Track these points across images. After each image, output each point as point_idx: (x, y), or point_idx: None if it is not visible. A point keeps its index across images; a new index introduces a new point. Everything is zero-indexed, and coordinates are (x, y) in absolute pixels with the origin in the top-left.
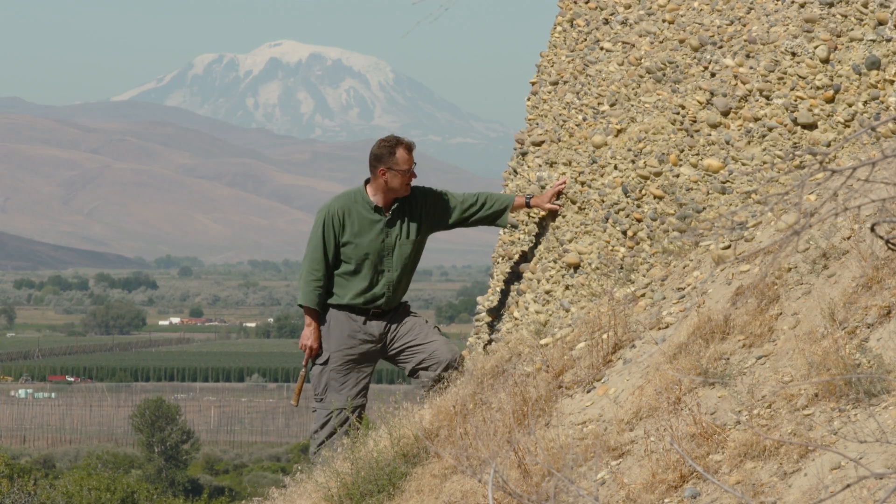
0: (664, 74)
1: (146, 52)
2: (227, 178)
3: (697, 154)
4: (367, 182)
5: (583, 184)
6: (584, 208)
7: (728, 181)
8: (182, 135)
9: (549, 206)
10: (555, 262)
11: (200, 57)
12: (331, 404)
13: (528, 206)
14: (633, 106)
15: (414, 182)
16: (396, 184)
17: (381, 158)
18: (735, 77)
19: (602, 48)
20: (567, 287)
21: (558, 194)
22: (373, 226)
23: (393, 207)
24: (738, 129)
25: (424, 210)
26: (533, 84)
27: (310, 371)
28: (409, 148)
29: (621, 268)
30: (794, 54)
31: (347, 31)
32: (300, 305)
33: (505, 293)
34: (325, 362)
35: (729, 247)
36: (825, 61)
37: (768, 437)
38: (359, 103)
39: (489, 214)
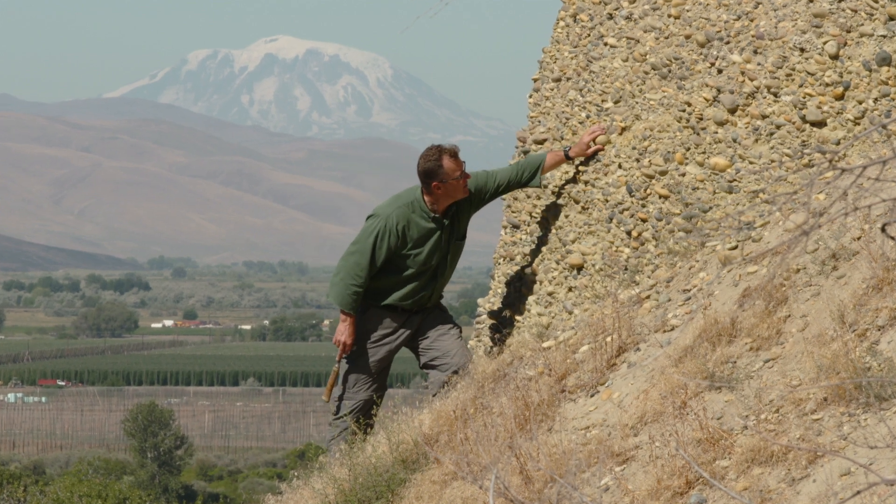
0: (670, 71)
1: (139, 48)
2: (221, 177)
3: (704, 152)
4: (422, 189)
5: (586, 183)
6: (588, 208)
7: (735, 180)
8: (175, 132)
9: (591, 150)
10: (557, 263)
11: (194, 53)
12: (356, 395)
13: (568, 158)
14: (637, 103)
15: (397, 180)
16: (455, 192)
17: (432, 174)
18: (742, 73)
19: (606, 44)
20: (570, 289)
21: (595, 140)
22: (431, 234)
23: (450, 212)
24: (746, 127)
25: (472, 199)
26: (535, 80)
27: (342, 367)
28: (454, 154)
29: (626, 269)
30: (802, 50)
31: (345, 26)
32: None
33: (506, 295)
34: (360, 357)
35: (736, 247)
36: (835, 57)
37: (776, 443)
38: (356, 100)
39: (524, 182)
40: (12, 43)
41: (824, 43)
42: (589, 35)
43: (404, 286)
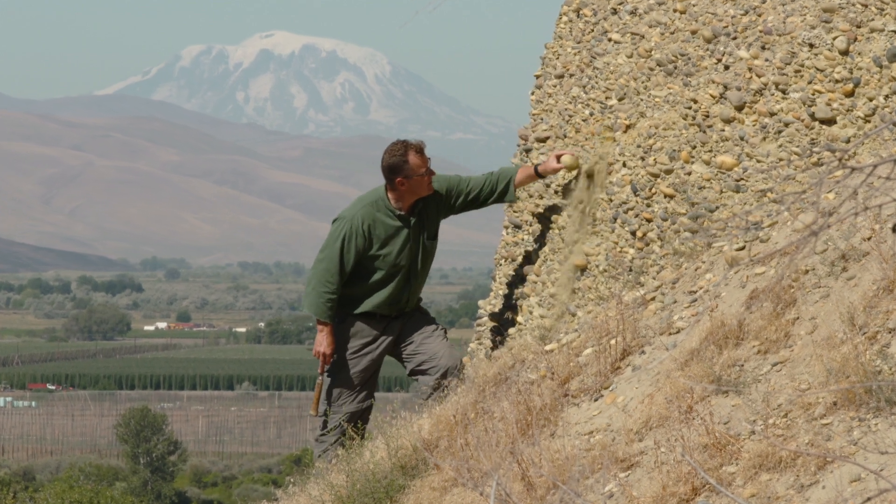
0: (675, 67)
1: (131, 44)
2: (215, 176)
3: (710, 151)
4: (386, 186)
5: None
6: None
7: (742, 179)
8: (169, 130)
9: (556, 166)
10: (560, 264)
11: (188, 49)
12: (341, 407)
13: (538, 175)
14: (642, 100)
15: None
16: (419, 189)
17: (396, 169)
18: (750, 70)
19: (610, 39)
20: (573, 290)
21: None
22: (399, 233)
23: (416, 210)
24: (753, 125)
25: (443, 203)
26: (537, 77)
27: (325, 379)
28: (420, 150)
29: (630, 270)
30: (811, 46)
31: (342, 21)
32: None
33: (508, 297)
34: (343, 368)
35: (743, 248)
36: (844, 53)
37: (784, 448)
38: (354, 97)
39: (498, 193)
40: (1, 39)
41: (834, 38)
42: (592, 30)
43: (378, 290)
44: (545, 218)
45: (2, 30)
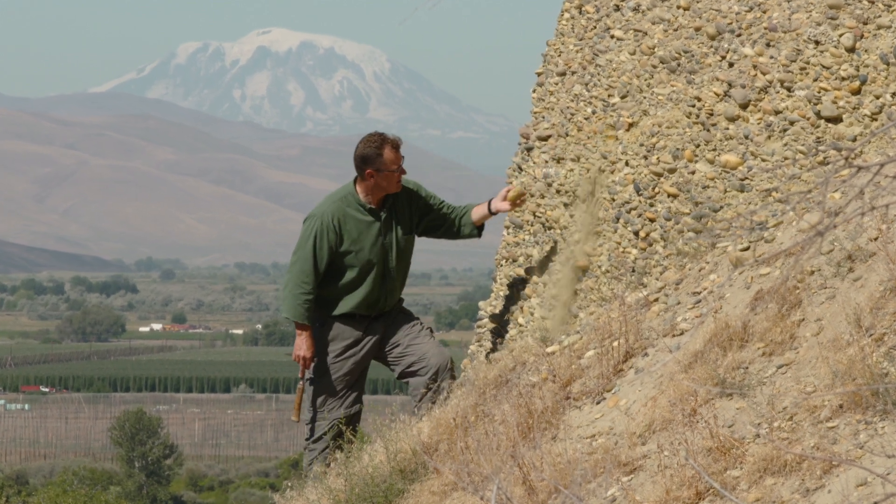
0: (679, 64)
1: (126, 41)
2: (212, 175)
3: (714, 149)
4: (355, 180)
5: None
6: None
7: (747, 178)
8: (164, 129)
9: (505, 205)
10: (562, 264)
11: (184, 45)
12: (329, 414)
13: (490, 212)
14: (645, 98)
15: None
16: (387, 184)
17: (368, 160)
18: (754, 67)
19: (613, 36)
20: (575, 291)
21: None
22: (370, 228)
23: (386, 205)
24: (758, 123)
25: (414, 203)
26: (539, 75)
27: (308, 383)
28: (396, 146)
29: (633, 271)
30: (817, 43)
31: (341, 18)
32: (285, 317)
33: (509, 298)
34: (326, 373)
35: (748, 248)
36: (851, 50)
37: (790, 452)
38: (353, 95)
39: (456, 226)
40: None
41: (840, 35)
42: (595, 27)
43: (354, 289)
44: (546, 218)
45: None
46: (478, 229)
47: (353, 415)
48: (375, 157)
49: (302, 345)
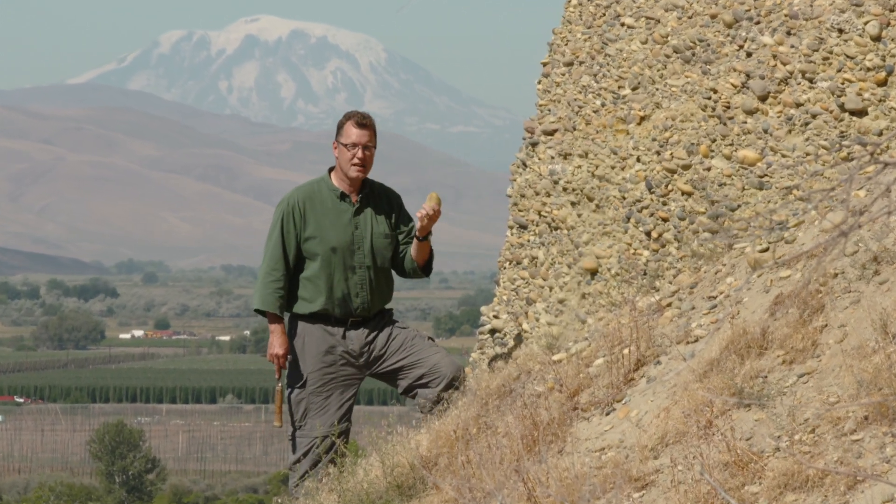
0: (693, 54)
1: (106, 29)
2: (197, 172)
3: (731, 144)
4: (331, 169)
5: (601, 178)
6: (603, 206)
7: (766, 175)
8: (146, 122)
9: (425, 225)
10: (569, 267)
11: (167, 34)
12: (311, 431)
13: (419, 240)
14: (658, 90)
15: (392, 176)
16: (344, 162)
17: (337, 130)
18: (774, 57)
19: (623, 24)
20: (583, 295)
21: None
22: (339, 215)
23: (361, 195)
24: (778, 117)
25: (396, 210)
26: (544, 65)
27: (285, 384)
28: (361, 123)
29: (645, 273)
30: (841, 31)
31: (334, 5)
32: (257, 311)
33: (513, 303)
34: (303, 385)
35: (767, 250)
36: (876, 39)
37: (812, 466)
38: (347, 87)
39: (407, 265)
40: None
41: (865, 23)
42: (604, 14)
43: (319, 281)
44: (553, 218)
45: None
46: (423, 269)
47: (341, 433)
48: (339, 126)
49: (274, 342)
